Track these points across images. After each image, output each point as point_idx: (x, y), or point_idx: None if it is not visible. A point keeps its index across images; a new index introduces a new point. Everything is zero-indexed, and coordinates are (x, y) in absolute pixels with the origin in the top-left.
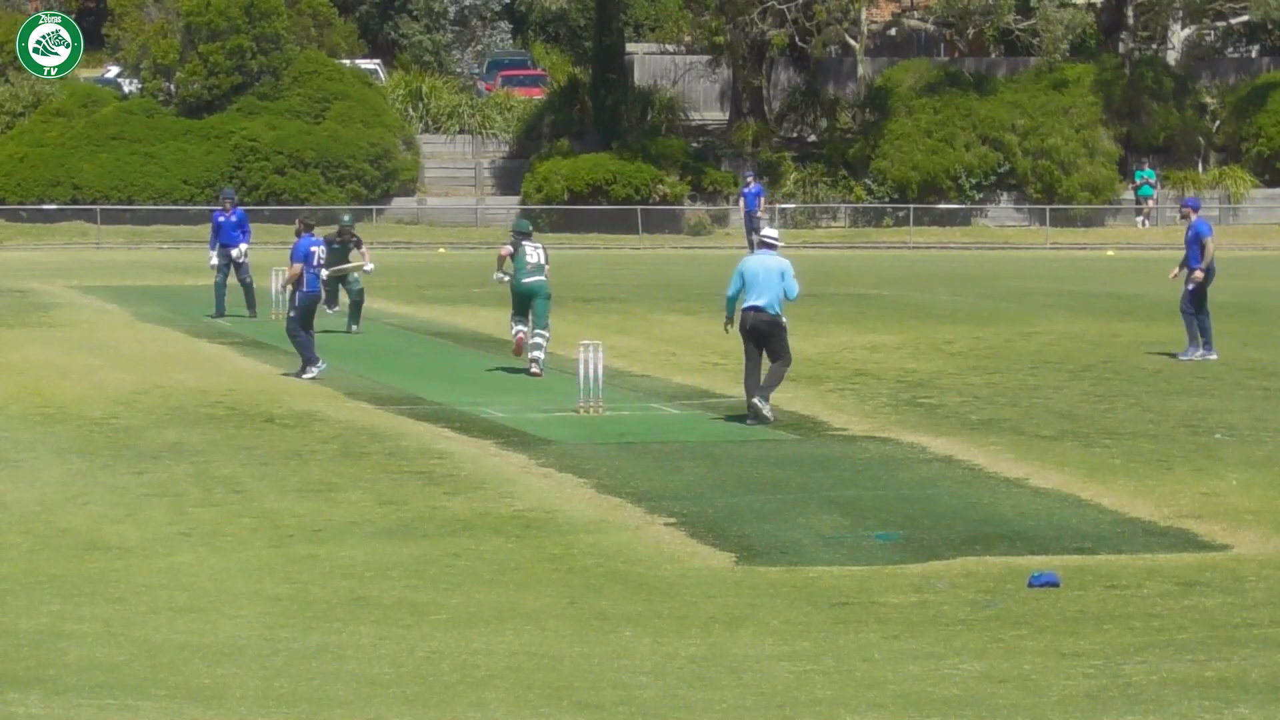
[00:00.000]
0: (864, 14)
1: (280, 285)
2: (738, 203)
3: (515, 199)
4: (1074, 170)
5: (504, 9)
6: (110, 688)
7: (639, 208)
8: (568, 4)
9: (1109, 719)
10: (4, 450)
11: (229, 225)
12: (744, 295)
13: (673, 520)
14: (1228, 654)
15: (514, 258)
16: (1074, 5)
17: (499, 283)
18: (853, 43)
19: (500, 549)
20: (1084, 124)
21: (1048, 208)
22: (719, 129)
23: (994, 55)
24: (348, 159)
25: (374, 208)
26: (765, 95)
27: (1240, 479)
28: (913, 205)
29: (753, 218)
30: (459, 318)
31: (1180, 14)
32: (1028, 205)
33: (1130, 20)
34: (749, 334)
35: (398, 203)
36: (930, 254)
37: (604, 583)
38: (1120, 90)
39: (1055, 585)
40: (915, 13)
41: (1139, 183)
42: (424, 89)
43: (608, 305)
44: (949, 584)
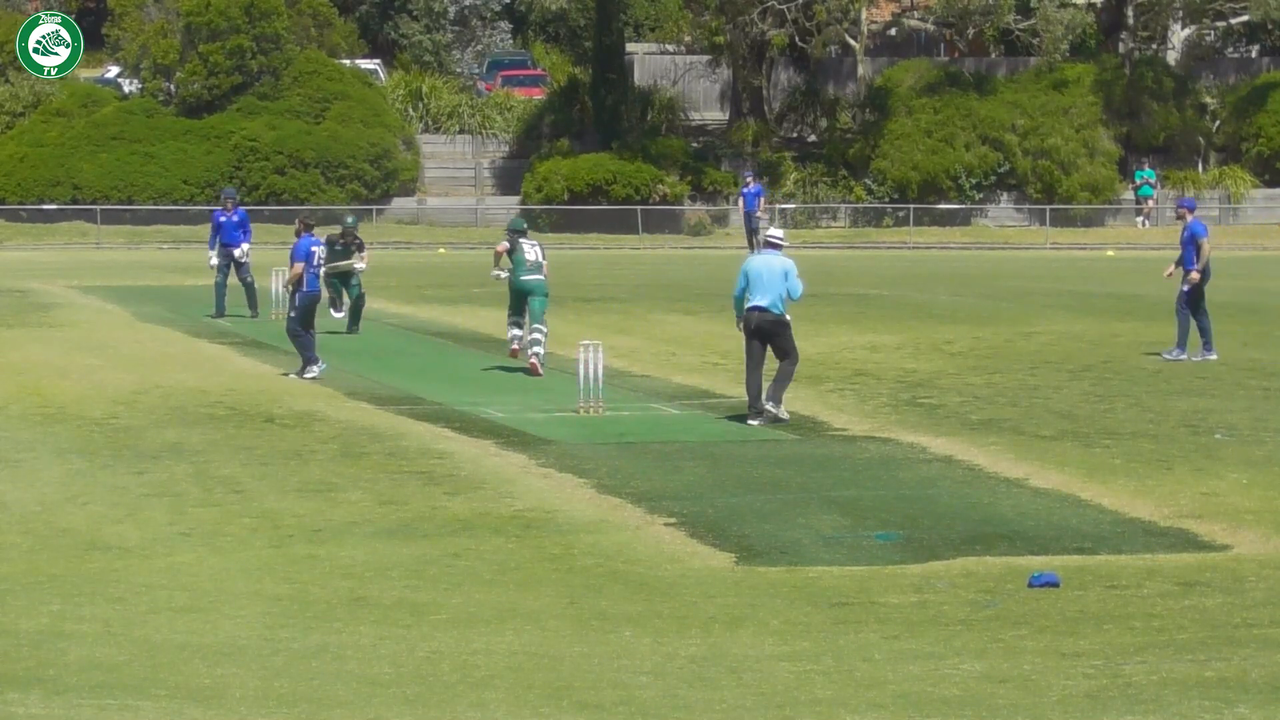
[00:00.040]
0: (864, 14)
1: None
2: (737, 203)
3: (515, 199)
4: (1074, 170)
5: (504, 9)
6: (110, 688)
7: (639, 208)
8: (568, 4)
9: (1109, 719)
10: (4, 450)
11: (230, 225)
12: (748, 295)
13: (673, 520)
14: (1228, 654)
15: (512, 256)
16: (1074, 5)
17: (497, 280)
18: (853, 43)
19: (500, 549)
20: (1084, 124)
21: (1048, 208)
22: (719, 129)
23: (994, 55)
24: (348, 159)
25: (374, 208)
26: (765, 95)
27: (1240, 479)
28: (913, 205)
29: (752, 218)
30: (459, 318)
31: (1180, 14)
32: (1028, 205)
33: (1130, 20)
34: (754, 333)
35: (398, 203)
36: (930, 254)
37: (604, 583)
38: (1120, 90)
39: (1055, 585)
40: (915, 13)
41: (1139, 183)
42: (424, 89)
43: (608, 305)
44: (949, 584)
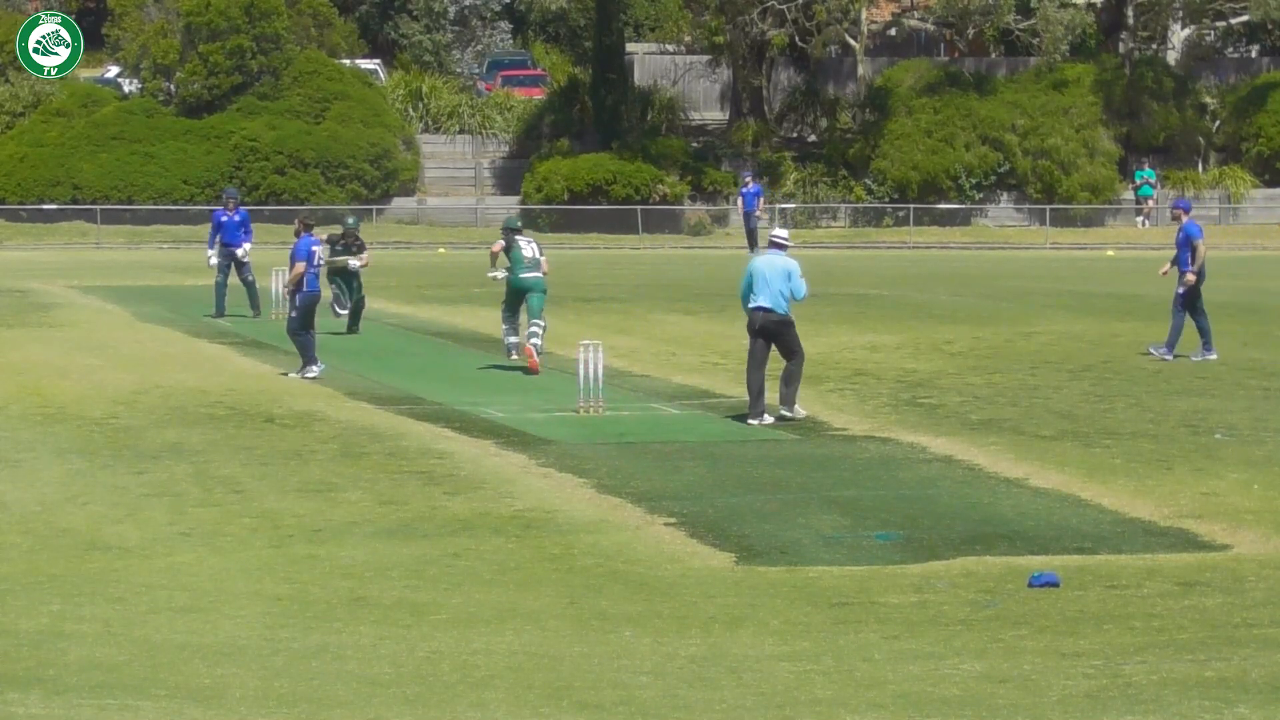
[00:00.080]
0: (864, 14)
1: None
2: (735, 203)
3: (515, 199)
4: (1074, 170)
5: (504, 9)
6: (110, 688)
7: (639, 208)
8: (568, 4)
9: (1109, 719)
10: (4, 450)
11: (232, 225)
12: (752, 295)
13: (673, 520)
14: (1228, 654)
15: (509, 254)
16: (1074, 5)
17: (495, 281)
18: (853, 43)
19: (500, 549)
20: (1084, 124)
21: (1048, 208)
22: (719, 129)
23: (994, 55)
24: (348, 159)
25: (374, 208)
26: (765, 95)
27: (1240, 479)
28: (913, 205)
29: (751, 218)
30: (459, 318)
31: (1180, 14)
32: (1028, 205)
33: (1130, 20)
34: (758, 333)
35: (398, 203)
36: (930, 254)
37: (604, 583)
38: (1120, 90)
39: (1055, 585)
40: (915, 13)
41: (1139, 183)
42: (424, 89)
43: (608, 305)
44: (949, 584)
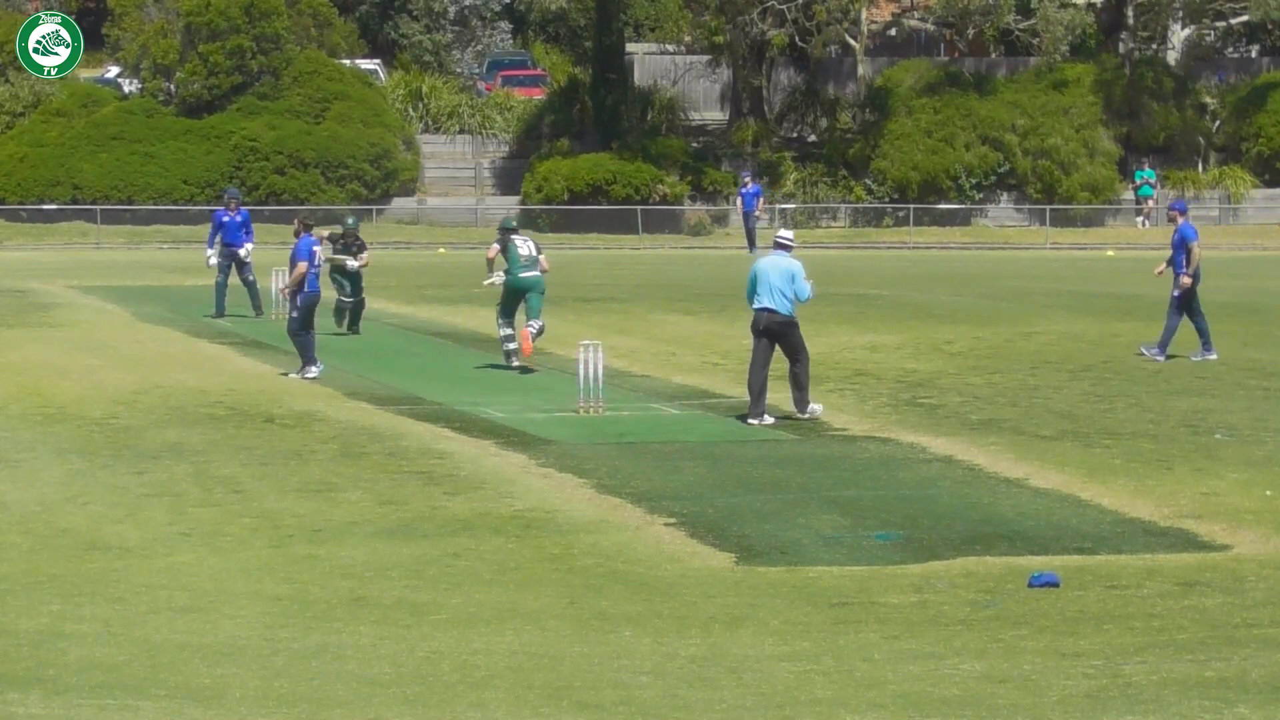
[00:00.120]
0: (864, 14)
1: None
2: (734, 203)
3: (515, 199)
4: (1074, 170)
5: (504, 9)
6: (110, 688)
7: (639, 208)
8: (568, 4)
9: (1109, 719)
10: (4, 450)
11: (234, 225)
12: (756, 295)
13: (673, 520)
14: (1228, 654)
15: (506, 253)
16: (1074, 5)
17: (492, 286)
18: (853, 43)
19: (500, 549)
20: (1084, 124)
21: (1048, 208)
22: (719, 129)
23: (994, 55)
24: (348, 159)
25: (374, 208)
26: (765, 95)
27: (1240, 479)
28: (913, 205)
29: (750, 218)
30: (459, 318)
31: (1180, 14)
32: (1028, 205)
33: (1130, 20)
34: (762, 333)
35: (398, 203)
36: (930, 254)
37: (604, 583)
38: (1120, 90)
39: (1055, 585)
40: (915, 13)
41: (1139, 183)
42: (424, 89)
43: (608, 305)
44: (949, 584)
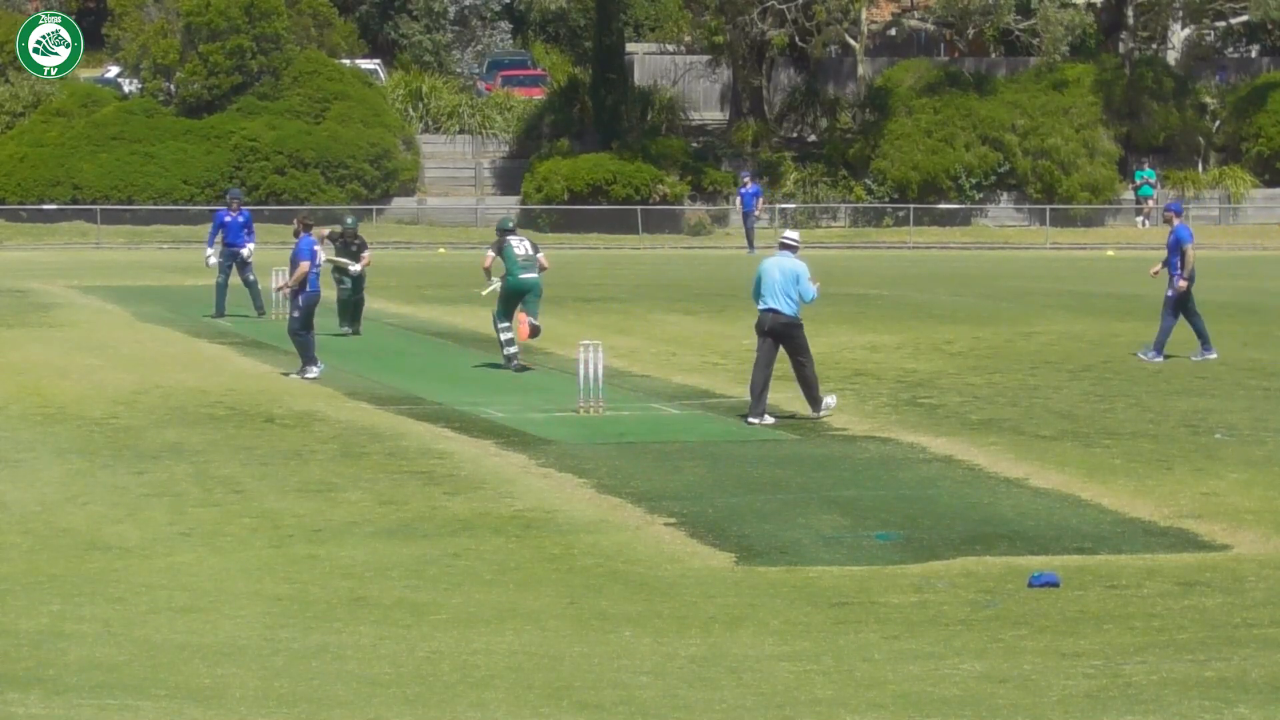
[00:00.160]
0: (864, 14)
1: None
2: (734, 203)
3: (515, 199)
4: (1074, 170)
5: (504, 9)
6: (110, 688)
7: (639, 208)
8: (568, 4)
9: (1109, 719)
10: (4, 450)
11: (236, 225)
12: (761, 296)
13: (673, 520)
14: (1228, 654)
15: (503, 255)
16: (1074, 5)
17: (492, 295)
18: (853, 43)
19: (500, 549)
20: (1084, 124)
21: (1048, 208)
22: (719, 129)
23: (994, 55)
24: (348, 159)
25: (374, 208)
26: (765, 95)
27: (1240, 479)
28: (913, 205)
29: (750, 218)
30: (459, 318)
31: (1180, 14)
32: (1028, 205)
33: (1130, 20)
34: (767, 334)
35: (398, 203)
36: (930, 254)
37: (604, 583)
38: (1120, 90)
39: (1055, 585)
40: (915, 13)
41: (1139, 183)
42: (424, 89)
43: (608, 305)
44: (949, 584)
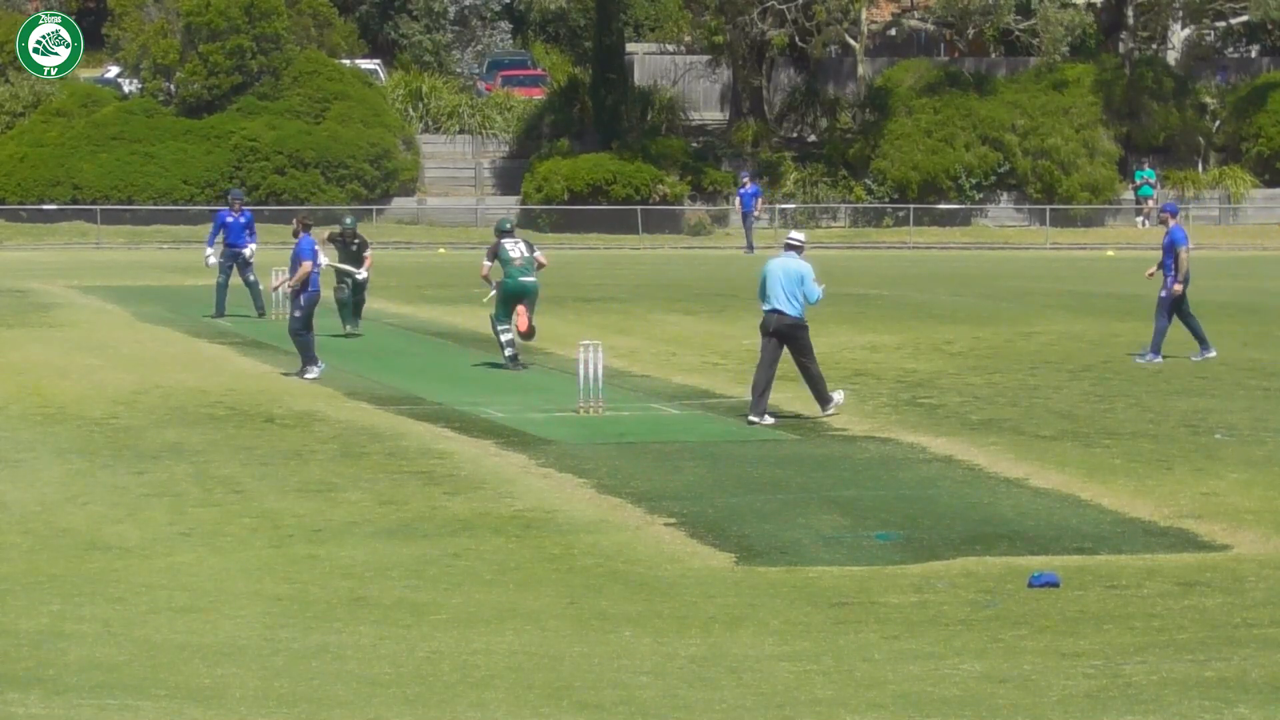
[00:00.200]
0: (864, 14)
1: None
2: (734, 203)
3: (515, 199)
4: (1074, 170)
5: (504, 9)
6: (110, 688)
7: (639, 208)
8: (568, 4)
9: (1109, 719)
10: (4, 450)
11: (237, 226)
12: (766, 297)
13: (673, 520)
14: (1228, 654)
15: (500, 258)
16: (1074, 5)
17: (492, 301)
18: (853, 43)
19: (500, 549)
20: (1084, 124)
21: (1048, 208)
22: (719, 129)
23: (994, 55)
24: (348, 159)
25: (374, 208)
26: (765, 95)
27: (1240, 479)
28: (913, 205)
29: (749, 218)
30: (459, 318)
31: (1180, 14)
32: (1028, 205)
33: (1130, 20)
34: (771, 334)
35: (398, 203)
36: (930, 254)
37: (604, 583)
38: (1120, 90)
39: (1055, 585)
40: (915, 13)
41: (1139, 183)
42: (424, 89)
43: (608, 305)
44: (949, 584)
